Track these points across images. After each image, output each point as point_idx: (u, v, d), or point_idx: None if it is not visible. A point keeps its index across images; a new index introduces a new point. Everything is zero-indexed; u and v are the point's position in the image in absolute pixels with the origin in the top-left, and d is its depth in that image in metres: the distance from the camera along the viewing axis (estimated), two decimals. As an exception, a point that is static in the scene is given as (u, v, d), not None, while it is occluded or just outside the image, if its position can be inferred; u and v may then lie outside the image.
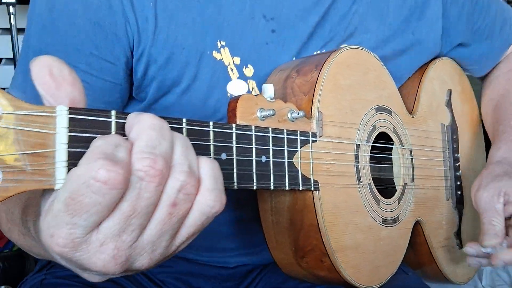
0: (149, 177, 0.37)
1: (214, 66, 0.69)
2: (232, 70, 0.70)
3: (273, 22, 0.71)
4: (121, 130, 0.40)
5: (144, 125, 0.38)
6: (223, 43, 0.69)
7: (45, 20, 0.65)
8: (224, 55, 0.69)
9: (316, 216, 0.61)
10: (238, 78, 0.71)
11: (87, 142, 0.38)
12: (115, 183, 0.35)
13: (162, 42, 0.66)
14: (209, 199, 0.40)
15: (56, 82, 0.37)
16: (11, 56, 1.68)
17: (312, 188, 0.60)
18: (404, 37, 0.82)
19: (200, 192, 0.40)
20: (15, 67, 1.67)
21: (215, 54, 0.69)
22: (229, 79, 0.70)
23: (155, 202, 0.38)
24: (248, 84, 0.71)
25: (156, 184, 0.37)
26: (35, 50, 0.66)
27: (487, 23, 0.93)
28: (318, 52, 0.75)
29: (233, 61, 0.70)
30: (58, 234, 0.36)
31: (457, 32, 0.89)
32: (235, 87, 0.70)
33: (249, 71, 0.71)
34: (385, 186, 0.76)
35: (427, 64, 0.90)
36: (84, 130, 0.38)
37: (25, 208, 0.60)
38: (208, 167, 0.41)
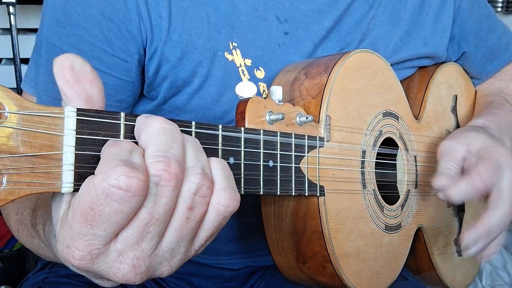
0: (164, 181, 0.36)
1: (225, 66, 0.68)
2: (243, 71, 0.69)
3: (287, 24, 0.70)
4: (130, 132, 0.39)
5: (154, 129, 0.37)
6: (235, 44, 0.67)
7: (59, 12, 0.63)
8: (236, 57, 0.68)
9: (321, 222, 0.60)
10: (249, 80, 0.69)
11: (95, 145, 0.37)
12: (137, 190, 0.34)
13: (176, 41, 0.64)
14: (223, 199, 0.39)
15: (75, 77, 0.36)
16: (11, 56, 1.66)
17: (318, 194, 0.59)
18: (416, 45, 0.81)
19: (214, 193, 0.39)
20: (15, 67, 1.66)
21: (227, 55, 0.67)
22: (240, 81, 0.69)
23: (171, 207, 0.37)
24: (259, 87, 0.70)
25: (172, 188, 0.36)
26: (47, 43, 0.64)
27: (494, 42, 0.94)
28: None
29: (245, 63, 0.68)
30: (75, 246, 0.35)
31: (467, 44, 0.90)
32: (244, 89, 0.68)
33: (260, 73, 0.69)
34: (388, 192, 0.76)
35: (434, 68, 0.89)
36: (92, 133, 0.37)
37: (35, 209, 0.58)
38: (218, 167, 0.40)
